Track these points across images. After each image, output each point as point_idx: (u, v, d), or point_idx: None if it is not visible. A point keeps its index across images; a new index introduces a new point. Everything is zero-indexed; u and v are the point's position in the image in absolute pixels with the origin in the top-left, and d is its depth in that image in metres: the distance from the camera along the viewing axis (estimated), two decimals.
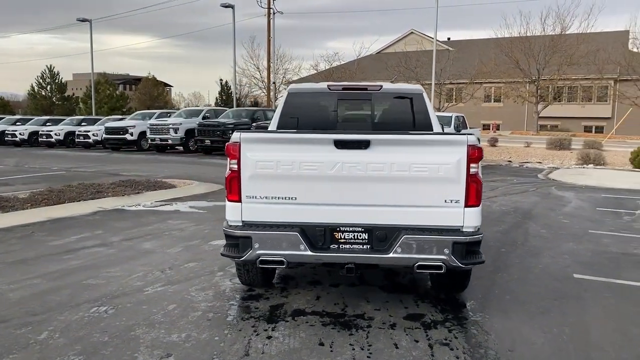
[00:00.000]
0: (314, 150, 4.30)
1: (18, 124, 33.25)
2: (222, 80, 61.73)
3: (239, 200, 4.42)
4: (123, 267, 6.12)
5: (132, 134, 25.33)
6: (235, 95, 39.75)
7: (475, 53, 43.43)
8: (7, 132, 31.73)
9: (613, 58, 38.33)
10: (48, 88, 63.59)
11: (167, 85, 79.16)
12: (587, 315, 4.79)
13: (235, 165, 4.37)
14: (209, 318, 4.61)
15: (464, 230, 4.32)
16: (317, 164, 4.28)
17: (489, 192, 12.39)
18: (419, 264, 4.25)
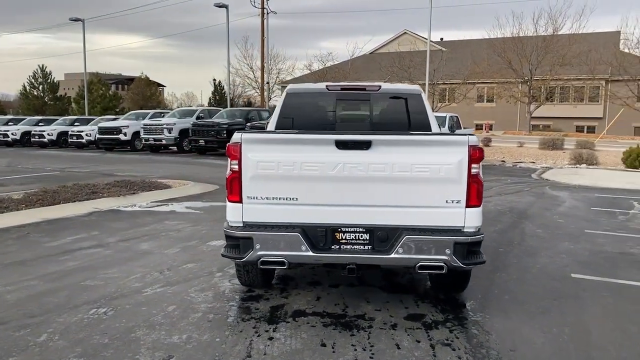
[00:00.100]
0: (315, 151, 4.29)
1: (10, 124, 33.06)
2: (215, 80, 61.57)
3: (240, 201, 4.40)
4: (121, 268, 6.09)
5: (125, 134, 25.21)
6: (229, 96, 39.60)
7: (468, 53, 43.57)
8: None
9: (605, 58, 38.56)
10: (40, 88, 63.19)
11: (160, 85, 78.85)
12: (586, 315, 4.81)
13: (236, 166, 4.36)
14: (210, 319, 4.59)
15: (465, 231, 4.33)
16: (318, 165, 4.27)
17: (484, 191, 12.39)
18: (421, 265, 4.25)
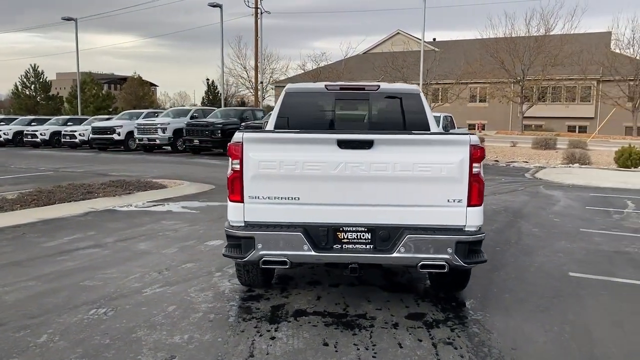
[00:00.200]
0: (317, 150, 4.29)
1: (2, 124, 32.79)
2: (208, 80, 61.41)
3: (242, 201, 4.39)
4: (119, 268, 6.06)
5: (119, 134, 25.08)
6: (223, 95, 39.52)
7: (461, 53, 43.73)
8: None
9: (596, 59, 38.92)
10: (32, 87, 62.83)
11: (152, 85, 78.58)
12: (586, 313, 4.84)
13: (238, 166, 4.34)
14: (211, 319, 4.58)
15: (467, 230, 4.34)
16: (320, 164, 4.27)
17: None
18: (423, 264, 4.26)
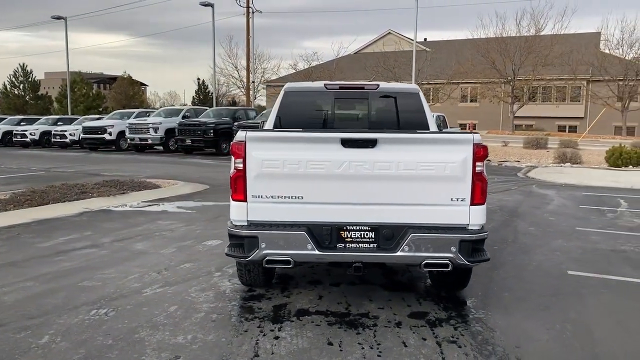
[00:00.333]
0: (321, 149, 4.28)
1: None
2: (199, 80, 61.18)
3: (245, 200, 4.37)
4: (117, 268, 6.01)
5: (110, 134, 24.91)
6: (215, 95, 39.37)
7: (452, 53, 43.88)
8: None
9: (586, 59, 39.18)
10: (21, 87, 62.24)
11: (142, 85, 78.11)
12: (586, 312, 4.87)
13: (241, 165, 4.32)
14: (213, 319, 4.55)
15: (470, 228, 4.35)
16: (324, 163, 4.26)
17: None
18: (426, 262, 4.26)
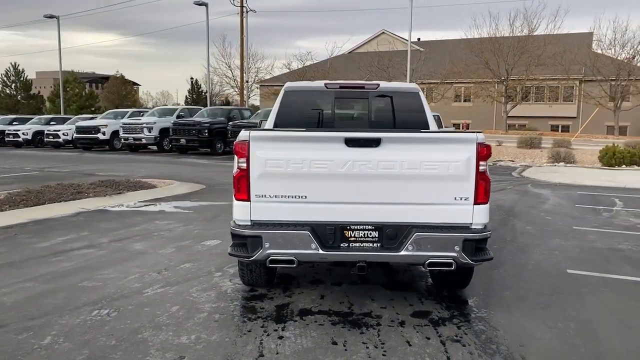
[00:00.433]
0: (325, 149, 4.27)
1: None
2: (192, 79, 60.95)
3: (248, 199, 4.36)
4: (117, 268, 5.98)
5: (104, 134, 24.81)
6: (209, 94, 39.25)
7: (446, 53, 43.94)
8: None
9: (578, 59, 39.39)
10: (13, 86, 61.79)
11: (135, 84, 77.77)
12: (587, 310, 4.89)
13: (244, 164, 4.31)
14: (216, 319, 4.54)
15: (473, 228, 4.37)
16: (327, 162, 4.26)
17: None
18: (430, 261, 4.27)
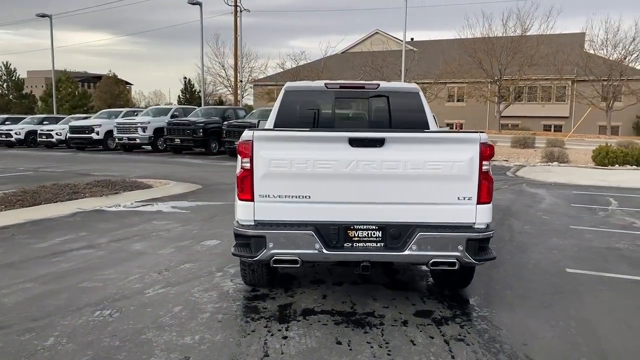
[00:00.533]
0: (329, 149, 4.28)
1: None
2: (186, 79, 60.72)
3: (252, 199, 4.36)
4: (117, 269, 5.96)
5: (98, 133, 24.70)
6: (203, 94, 39.15)
7: (439, 53, 44.05)
8: None
9: (571, 59, 39.61)
10: (5, 86, 61.39)
11: (127, 84, 77.43)
12: (588, 309, 4.93)
13: (248, 164, 4.31)
14: (219, 319, 4.53)
15: (476, 227, 4.38)
16: (331, 162, 4.26)
17: None
18: (434, 261, 4.28)
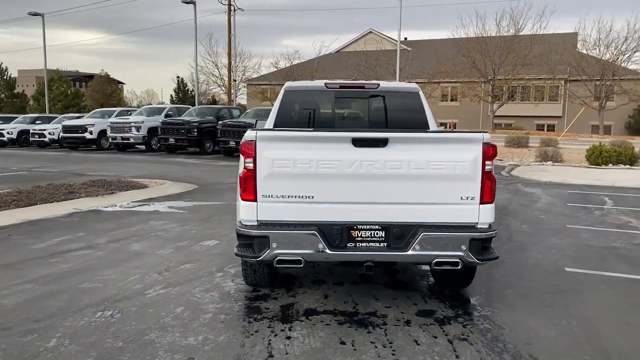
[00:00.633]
0: (332, 149, 4.27)
1: None
2: (179, 78, 60.46)
3: (255, 200, 4.35)
4: (117, 269, 5.93)
5: (91, 133, 24.57)
6: (197, 93, 39.03)
7: (433, 53, 44.15)
8: None
9: (564, 59, 39.78)
10: None
11: (119, 83, 77.07)
12: (589, 308, 4.95)
13: (251, 164, 4.30)
14: (222, 320, 4.52)
15: (479, 227, 4.39)
16: (335, 162, 4.26)
17: None
18: (437, 261, 4.29)
